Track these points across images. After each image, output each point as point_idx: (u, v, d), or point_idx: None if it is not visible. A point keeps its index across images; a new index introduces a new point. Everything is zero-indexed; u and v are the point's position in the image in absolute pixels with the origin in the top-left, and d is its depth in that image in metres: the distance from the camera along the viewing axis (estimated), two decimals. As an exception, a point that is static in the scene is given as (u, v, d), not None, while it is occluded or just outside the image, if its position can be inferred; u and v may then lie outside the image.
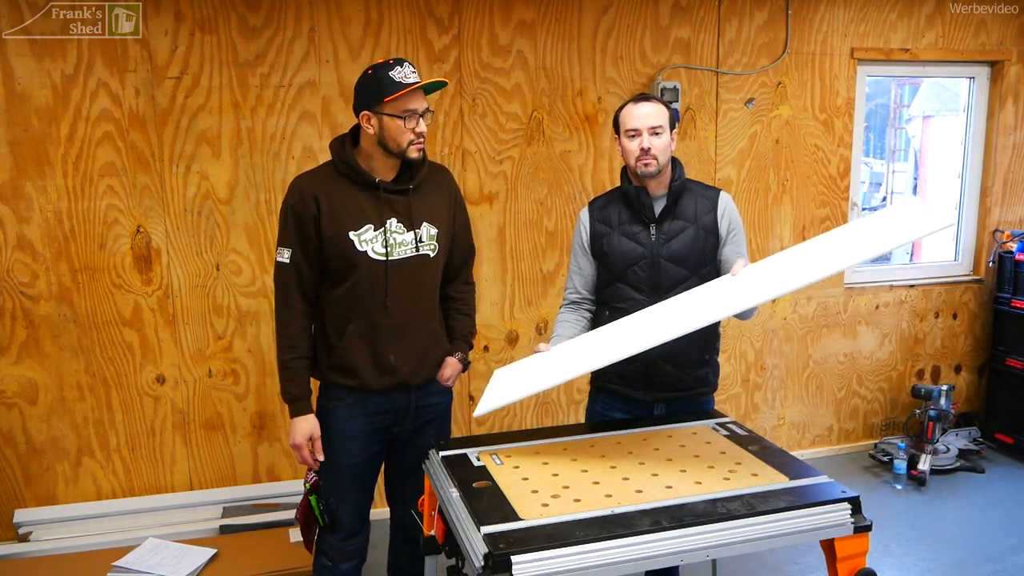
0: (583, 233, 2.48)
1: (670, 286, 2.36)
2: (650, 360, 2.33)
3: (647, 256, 2.36)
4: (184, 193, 3.26)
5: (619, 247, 2.39)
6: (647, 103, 2.33)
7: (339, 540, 2.38)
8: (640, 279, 2.37)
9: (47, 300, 3.17)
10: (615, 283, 2.41)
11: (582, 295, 2.51)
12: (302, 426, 2.28)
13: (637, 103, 2.34)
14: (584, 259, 2.48)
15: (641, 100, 2.35)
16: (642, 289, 2.37)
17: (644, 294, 2.36)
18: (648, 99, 2.35)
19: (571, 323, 2.47)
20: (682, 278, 2.36)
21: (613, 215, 2.43)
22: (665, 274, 2.36)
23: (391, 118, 2.15)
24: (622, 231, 2.39)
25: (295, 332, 2.28)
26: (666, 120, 2.33)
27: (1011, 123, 4.40)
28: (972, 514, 3.73)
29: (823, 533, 1.82)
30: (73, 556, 3.04)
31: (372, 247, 2.22)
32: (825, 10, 3.98)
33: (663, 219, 2.37)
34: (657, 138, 2.30)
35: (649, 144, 2.28)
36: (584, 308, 2.51)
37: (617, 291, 2.40)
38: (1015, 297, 4.30)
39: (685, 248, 2.36)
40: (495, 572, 1.57)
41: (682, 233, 2.36)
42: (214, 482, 3.47)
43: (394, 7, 3.38)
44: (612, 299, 2.42)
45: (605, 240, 2.41)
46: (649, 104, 2.33)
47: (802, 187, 4.11)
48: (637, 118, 2.31)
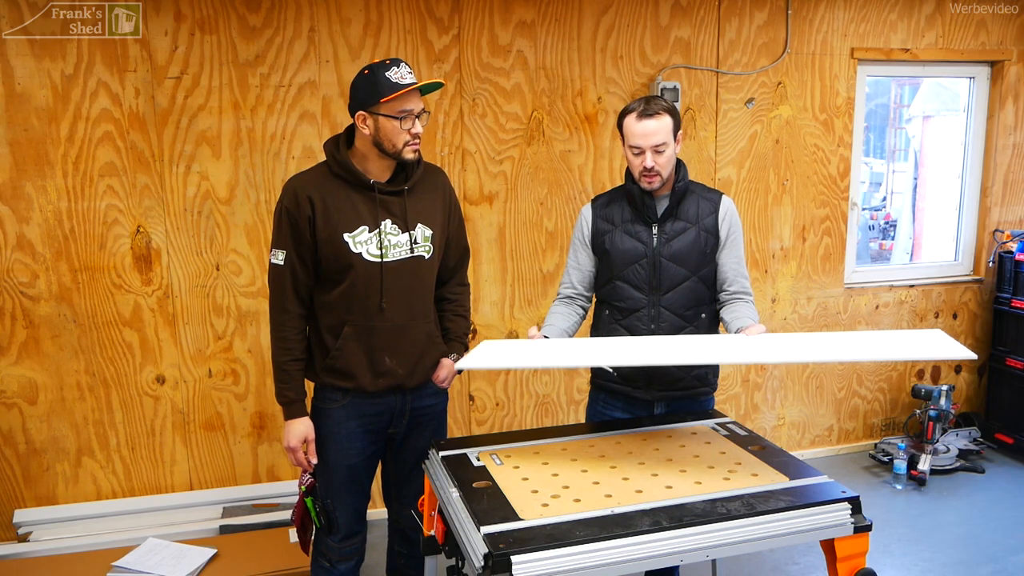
0: (584, 228, 2.47)
1: (670, 286, 2.36)
2: None
3: (648, 255, 2.37)
4: (184, 193, 3.26)
5: (621, 245, 2.39)
6: (650, 120, 2.28)
7: (336, 541, 2.38)
8: (640, 277, 2.37)
9: (47, 300, 3.17)
10: (615, 281, 2.41)
11: (577, 290, 2.51)
12: (297, 428, 2.27)
13: (640, 119, 2.29)
14: (583, 254, 2.48)
15: (644, 116, 2.28)
16: (642, 288, 2.37)
17: (644, 293, 2.37)
18: (651, 114, 2.28)
19: (564, 315, 2.47)
20: (682, 278, 2.37)
21: (616, 213, 2.43)
22: (665, 273, 2.36)
23: (387, 119, 2.14)
24: (624, 229, 2.40)
25: (290, 334, 2.27)
26: (670, 133, 2.30)
27: (1011, 123, 4.40)
28: (972, 514, 3.73)
29: (823, 533, 1.83)
30: (73, 556, 3.04)
31: (367, 249, 2.21)
32: (825, 10, 3.98)
33: (665, 219, 2.38)
34: (661, 155, 2.29)
35: (653, 163, 2.28)
36: (578, 304, 2.51)
37: (617, 289, 2.41)
38: (1015, 297, 4.30)
39: (686, 248, 2.36)
40: (495, 572, 1.57)
41: (683, 234, 2.37)
42: (214, 482, 3.47)
43: (394, 7, 3.38)
44: (612, 297, 2.43)
45: (607, 237, 2.42)
46: (653, 121, 2.27)
47: (802, 187, 4.11)
48: (640, 136, 2.28)
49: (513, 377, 3.82)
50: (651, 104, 2.31)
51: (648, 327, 2.37)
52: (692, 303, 2.38)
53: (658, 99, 2.34)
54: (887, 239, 8.04)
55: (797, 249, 4.16)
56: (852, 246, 4.32)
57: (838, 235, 4.22)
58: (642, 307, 2.38)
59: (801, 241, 4.15)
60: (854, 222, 4.31)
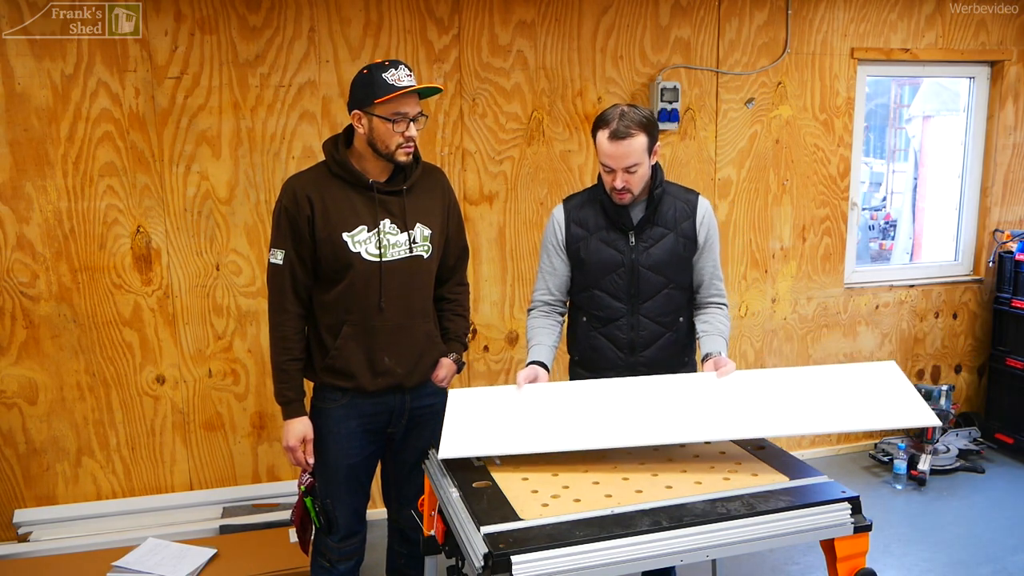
0: (557, 232, 2.39)
1: (649, 294, 2.33)
2: (631, 365, 2.34)
3: (626, 264, 2.32)
4: (184, 193, 3.26)
5: (597, 255, 2.33)
6: (620, 142, 2.16)
7: (336, 541, 2.38)
8: (619, 287, 2.33)
9: (47, 300, 3.17)
10: (592, 290, 2.37)
11: (555, 296, 2.44)
12: (295, 428, 2.28)
13: (612, 141, 2.17)
14: (558, 259, 2.41)
15: (615, 138, 2.17)
16: (620, 297, 2.34)
17: (622, 302, 2.34)
18: (622, 136, 2.16)
19: (547, 330, 2.40)
20: (661, 285, 2.33)
21: (590, 218, 2.36)
22: (644, 282, 2.32)
23: (381, 120, 2.14)
24: (600, 237, 2.33)
25: (289, 333, 2.27)
26: (644, 152, 2.20)
27: (1011, 123, 4.40)
28: (972, 514, 3.73)
29: (823, 533, 1.83)
30: (73, 556, 3.04)
31: (365, 248, 2.21)
32: (825, 10, 3.98)
33: (643, 226, 2.32)
34: (633, 175, 2.22)
35: (623, 183, 2.22)
36: (557, 312, 2.46)
37: (595, 298, 2.37)
38: (1015, 297, 4.30)
39: (665, 255, 2.32)
40: (495, 572, 1.57)
41: (662, 240, 2.32)
42: (214, 482, 3.47)
43: (394, 7, 3.38)
44: (590, 305, 2.39)
45: (582, 244, 2.35)
46: (623, 144, 2.17)
47: (802, 187, 4.11)
48: (611, 158, 2.20)
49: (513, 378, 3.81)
50: (623, 123, 2.17)
51: (627, 336, 2.34)
52: (671, 309, 2.36)
53: (632, 115, 2.19)
54: (887, 239, 8.04)
55: (797, 249, 4.16)
56: (852, 246, 4.32)
57: (838, 235, 4.22)
58: (621, 316, 2.34)
59: (801, 241, 4.15)
60: (854, 222, 4.31)
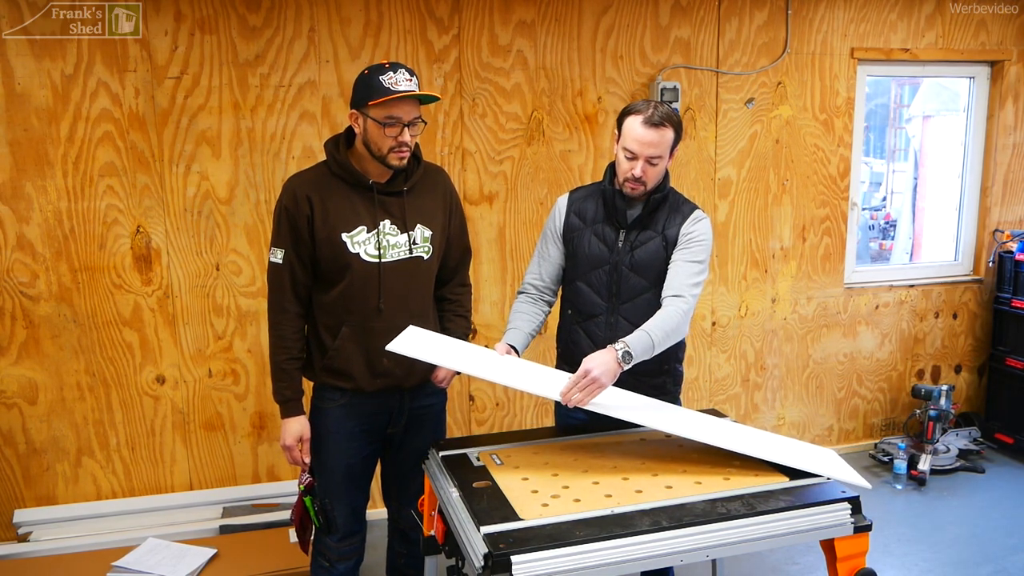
0: (557, 220, 2.43)
1: (629, 296, 2.33)
2: None
3: (611, 262, 2.33)
4: (184, 193, 3.26)
5: (587, 248, 2.35)
6: (655, 130, 2.19)
7: (336, 541, 2.38)
8: (602, 283, 2.34)
9: (47, 300, 3.17)
10: (577, 282, 2.39)
11: (544, 283, 2.45)
12: (293, 427, 2.28)
13: (645, 127, 2.20)
14: (553, 246, 2.44)
15: (649, 124, 2.19)
16: (601, 294, 2.35)
17: (603, 299, 2.34)
18: (657, 124, 2.19)
19: (528, 316, 2.40)
20: (642, 289, 2.32)
21: (589, 210, 2.38)
22: (625, 283, 2.32)
23: (374, 123, 2.13)
24: (594, 231, 2.36)
25: (288, 333, 2.27)
26: (668, 148, 2.24)
27: (1011, 123, 4.40)
28: (972, 514, 3.73)
29: (823, 533, 1.83)
30: (73, 556, 3.03)
31: (365, 249, 2.21)
32: (825, 10, 3.98)
33: (634, 227, 2.33)
34: (653, 168, 2.24)
35: (642, 173, 2.23)
36: (544, 299, 2.46)
37: (578, 291, 2.38)
38: (1015, 297, 4.30)
39: (648, 258, 2.31)
40: (495, 572, 1.57)
41: (648, 244, 2.32)
42: (214, 482, 3.47)
43: (394, 7, 3.38)
44: (574, 299, 2.40)
45: (576, 236, 2.38)
46: (657, 132, 2.19)
47: (802, 187, 4.11)
48: (639, 144, 2.21)
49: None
50: (659, 113, 2.21)
51: (605, 334, 2.33)
52: (651, 315, 2.31)
53: (665, 109, 2.24)
54: (887, 239, 8.04)
55: (797, 249, 4.16)
56: (852, 246, 4.32)
57: (838, 235, 4.22)
58: (600, 314, 2.35)
59: (801, 241, 4.15)
60: (854, 222, 4.31)
